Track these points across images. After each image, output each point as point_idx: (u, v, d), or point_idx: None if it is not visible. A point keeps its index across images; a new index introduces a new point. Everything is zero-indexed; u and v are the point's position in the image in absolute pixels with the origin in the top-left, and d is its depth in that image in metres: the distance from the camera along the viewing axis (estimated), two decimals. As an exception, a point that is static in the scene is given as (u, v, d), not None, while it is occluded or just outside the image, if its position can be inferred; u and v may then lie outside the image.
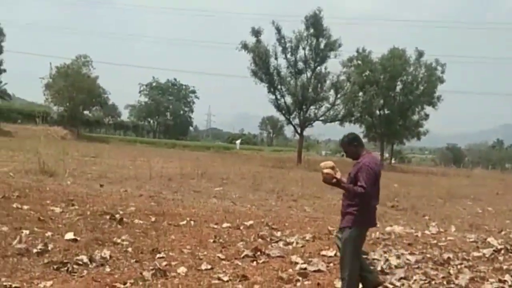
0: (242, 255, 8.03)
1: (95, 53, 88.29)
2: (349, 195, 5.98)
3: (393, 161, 72.17)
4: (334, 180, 5.91)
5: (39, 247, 7.20)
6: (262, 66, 45.32)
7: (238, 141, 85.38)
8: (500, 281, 7.33)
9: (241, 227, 10.51)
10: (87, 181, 16.82)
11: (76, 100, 64.26)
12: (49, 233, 8.26)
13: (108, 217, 10.13)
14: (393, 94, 55.35)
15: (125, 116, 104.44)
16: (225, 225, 10.59)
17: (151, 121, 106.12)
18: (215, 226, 10.40)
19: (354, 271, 6.03)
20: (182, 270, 6.89)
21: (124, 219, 10.01)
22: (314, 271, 7.45)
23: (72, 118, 67.14)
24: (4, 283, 5.64)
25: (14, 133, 53.80)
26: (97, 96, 68.53)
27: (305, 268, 7.45)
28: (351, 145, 6.22)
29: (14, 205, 10.54)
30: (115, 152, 36.17)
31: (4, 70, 63.09)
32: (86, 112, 74.37)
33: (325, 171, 5.91)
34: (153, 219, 10.55)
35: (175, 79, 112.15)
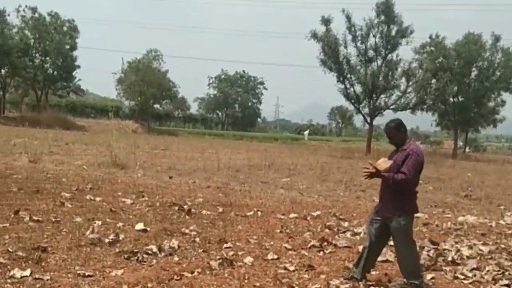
0: (309, 245, 8.00)
1: (165, 47, 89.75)
2: (391, 184, 5.90)
3: (467, 150, 70.09)
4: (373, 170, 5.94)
5: (110, 237, 7.41)
6: (331, 55, 44.87)
7: (306, 132, 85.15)
8: None
9: (308, 218, 10.48)
10: (156, 173, 17.20)
11: (147, 94, 65.78)
12: (120, 224, 8.50)
13: (176, 208, 10.32)
14: (468, 81, 53.66)
15: (194, 109, 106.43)
16: (292, 215, 10.58)
17: (220, 113, 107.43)
18: (282, 217, 10.41)
19: (415, 256, 6.13)
20: (248, 260, 6.93)
21: (192, 210, 10.17)
22: (382, 261, 7.33)
23: (143, 112, 68.91)
24: (78, 272, 5.84)
25: (88, 127, 55.69)
26: (167, 90, 69.89)
27: (373, 259, 7.33)
28: (398, 131, 6.10)
29: (88, 197, 10.92)
30: (184, 144, 36.81)
31: (78, 66, 65.34)
32: (156, 105, 76.05)
33: (379, 163, 5.99)
34: (220, 209, 10.67)
35: (243, 71, 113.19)
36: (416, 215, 11.28)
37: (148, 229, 8.27)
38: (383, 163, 5.96)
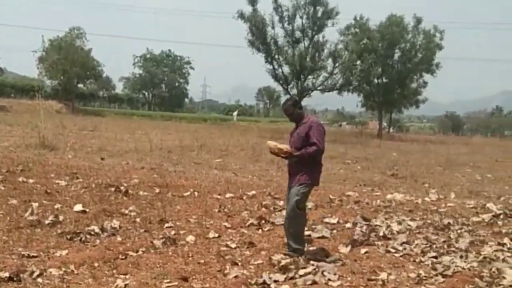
0: (248, 224, 8.23)
1: (89, 25, 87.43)
2: (306, 158, 6.27)
3: (391, 130, 72.31)
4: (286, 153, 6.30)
5: (50, 218, 7.35)
6: (259, 36, 45.05)
7: (235, 113, 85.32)
8: (499, 244, 7.55)
9: (244, 197, 10.70)
10: (87, 155, 16.93)
11: (70, 73, 63.81)
12: (58, 205, 8.42)
13: (113, 189, 10.28)
14: (391, 62, 55.10)
15: (119, 88, 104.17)
16: (228, 195, 10.76)
17: (146, 94, 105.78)
18: (219, 197, 10.57)
19: (302, 225, 6.51)
20: (190, 238, 7.08)
21: (129, 191, 10.17)
22: (318, 237, 7.67)
23: (66, 92, 66.85)
24: (22, 252, 5.81)
25: (9, 108, 53.57)
26: (91, 69, 68.01)
27: (309, 235, 7.62)
28: (295, 108, 6.48)
29: (20, 179, 10.66)
30: (112, 125, 36.16)
31: (-4, 45, 62.51)
32: (80, 85, 74.02)
33: (279, 146, 6.36)
34: (157, 190, 10.70)
35: (169, 50, 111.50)
36: (347, 193, 11.83)
37: (87, 210, 8.24)
38: (279, 147, 6.36)
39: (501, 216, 9.73)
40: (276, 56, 46.15)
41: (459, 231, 8.44)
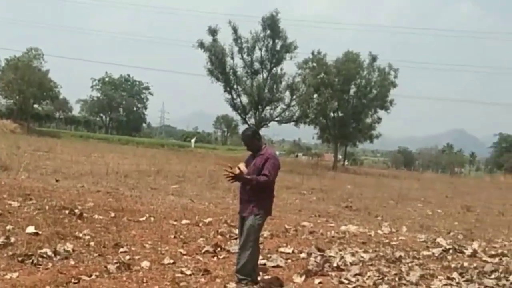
0: (203, 251, 8.21)
1: (47, 47, 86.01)
2: (254, 186, 6.34)
3: (346, 163, 73.22)
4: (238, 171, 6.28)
5: (1, 239, 7.20)
6: (218, 65, 45.44)
7: (193, 140, 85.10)
8: (448, 278, 7.72)
9: (200, 224, 10.67)
10: (42, 176, 16.62)
11: (26, 93, 62.85)
12: (9, 227, 8.24)
13: (67, 212, 10.11)
14: (347, 97, 55.97)
15: (76, 111, 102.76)
16: (184, 221, 10.72)
17: (103, 117, 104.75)
18: (175, 223, 10.52)
19: (255, 256, 6.52)
20: (145, 264, 7.02)
21: (84, 214, 10.03)
22: (273, 266, 7.70)
23: (22, 112, 65.74)
24: (-29, 274, 5.68)
25: (-39, 126, 52.32)
26: (48, 90, 67.08)
27: (265, 264, 7.67)
28: (254, 138, 6.60)
29: (-30, 198, 10.42)
30: (68, 147, 35.60)
31: None
32: (36, 105, 72.87)
33: (238, 166, 6.35)
34: (112, 214, 10.58)
35: (128, 75, 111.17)
36: (302, 223, 11.92)
37: (40, 232, 8.09)
38: (242, 167, 6.37)
39: (450, 251, 9.94)
40: (235, 86, 46.57)
41: (410, 264, 8.60)
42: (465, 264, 8.81)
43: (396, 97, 57.00)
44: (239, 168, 6.28)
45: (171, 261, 7.37)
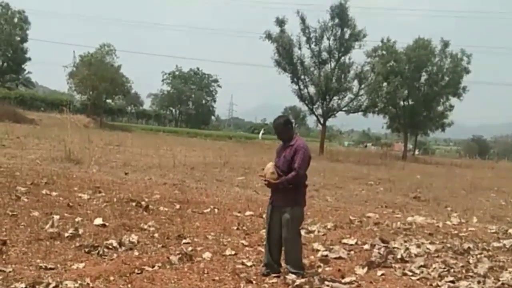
0: (265, 242, 8.22)
1: (119, 42, 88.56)
2: (287, 185, 6.24)
3: (416, 152, 71.61)
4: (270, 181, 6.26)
5: (70, 231, 7.47)
6: (285, 56, 45.16)
7: (261, 131, 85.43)
8: (519, 270, 7.43)
9: (264, 216, 10.70)
10: (112, 169, 17.14)
11: (99, 88, 64.75)
12: (78, 219, 8.55)
13: (134, 204, 10.40)
14: (418, 85, 54.76)
15: (147, 105, 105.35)
16: (248, 213, 10.80)
17: (173, 110, 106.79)
18: (238, 214, 10.61)
19: (300, 249, 6.51)
20: (207, 255, 7.12)
21: (150, 206, 10.28)
22: (335, 258, 7.64)
23: (95, 107, 67.84)
24: (40, 264, 5.92)
25: (38, 121, 54.47)
26: (120, 85, 68.85)
27: (327, 255, 7.63)
28: (286, 127, 6.44)
29: (43, 192, 10.87)
30: (138, 141, 36.50)
31: (29, 59, 63.84)
32: (108, 100, 75.00)
33: (271, 175, 6.27)
34: (177, 206, 10.80)
35: (197, 68, 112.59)
36: (367, 214, 11.76)
37: (107, 224, 8.35)
38: (271, 174, 6.27)
39: (523, 242, 9.57)
40: (302, 77, 46.13)
41: (478, 256, 8.34)
42: (538, 256, 8.45)
43: (470, 83, 55.24)
44: (266, 179, 6.32)
45: (233, 252, 7.44)
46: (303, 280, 6.05)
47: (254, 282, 6.13)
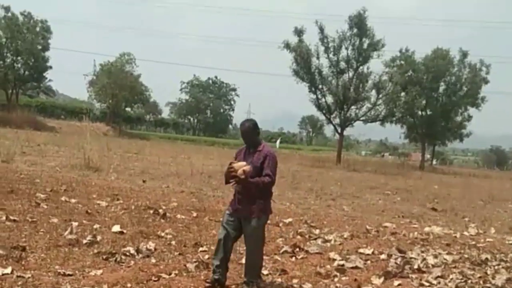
0: (282, 251, 8.25)
1: (138, 51, 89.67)
2: (255, 187, 5.97)
3: (434, 162, 71.19)
4: (243, 176, 5.87)
5: (88, 238, 7.56)
6: (303, 66, 45.27)
7: (278, 140, 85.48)
8: (537, 282, 7.37)
9: (280, 224, 10.74)
10: (130, 177, 17.28)
11: (119, 97, 65.49)
12: (97, 225, 8.63)
13: (151, 211, 10.49)
14: (436, 95, 54.67)
15: (165, 113, 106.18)
16: (264, 222, 10.80)
17: (191, 119, 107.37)
18: (254, 223, 10.61)
19: (262, 257, 6.38)
20: (223, 263, 7.14)
21: (167, 214, 10.34)
22: (352, 267, 7.63)
23: (114, 115, 68.57)
24: (58, 270, 6.00)
25: (58, 129, 55.22)
26: (139, 94, 69.60)
27: (343, 265, 7.62)
28: (255, 131, 6.15)
29: (63, 198, 11.01)
30: (156, 148, 36.79)
31: (50, 67, 64.68)
32: (128, 109, 75.71)
33: (244, 168, 5.88)
34: (194, 214, 10.86)
35: (216, 77, 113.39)
36: (384, 224, 11.73)
37: (125, 231, 8.42)
38: (247, 168, 5.89)
39: (542, 254, 9.48)
40: (320, 86, 46.20)
41: (496, 267, 8.27)
42: (557, 269, 8.36)
43: (489, 94, 55.01)
44: (244, 171, 5.87)
45: (249, 260, 7.46)
46: None
47: (270, 290, 6.14)
